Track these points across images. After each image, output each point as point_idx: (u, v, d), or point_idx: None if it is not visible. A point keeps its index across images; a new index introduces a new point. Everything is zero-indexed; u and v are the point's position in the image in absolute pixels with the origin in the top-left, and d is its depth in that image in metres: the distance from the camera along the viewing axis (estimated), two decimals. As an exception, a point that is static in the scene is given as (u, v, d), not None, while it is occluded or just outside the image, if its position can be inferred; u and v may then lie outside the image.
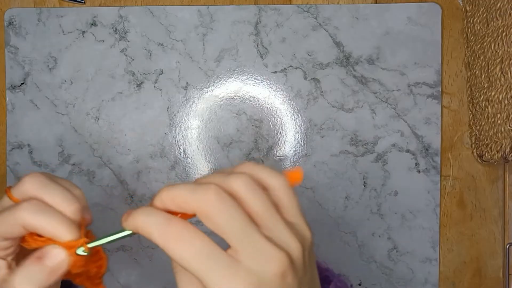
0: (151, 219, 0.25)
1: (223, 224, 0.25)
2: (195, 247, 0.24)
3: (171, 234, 0.25)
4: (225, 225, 0.25)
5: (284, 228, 0.26)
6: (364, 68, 0.56)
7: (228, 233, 0.25)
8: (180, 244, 0.25)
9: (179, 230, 0.25)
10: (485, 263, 0.57)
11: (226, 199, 0.25)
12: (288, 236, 0.26)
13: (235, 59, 0.56)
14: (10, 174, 0.57)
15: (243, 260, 0.24)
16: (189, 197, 0.26)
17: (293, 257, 0.25)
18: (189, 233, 0.25)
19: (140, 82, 0.57)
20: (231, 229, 0.25)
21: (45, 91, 0.57)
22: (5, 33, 0.56)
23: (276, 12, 0.56)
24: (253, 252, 0.25)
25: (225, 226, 0.25)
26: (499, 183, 0.57)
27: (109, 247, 0.56)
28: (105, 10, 0.56)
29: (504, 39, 0.47)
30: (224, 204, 0.25)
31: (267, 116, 0.57)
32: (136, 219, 0.26)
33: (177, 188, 0.26)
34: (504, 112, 0.48)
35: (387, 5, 0.56)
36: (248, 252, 0.25)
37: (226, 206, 0.25)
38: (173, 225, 0.25)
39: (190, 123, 0.57)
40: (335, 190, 0.56)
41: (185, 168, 0.57)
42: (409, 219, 0.56)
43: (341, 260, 0.56)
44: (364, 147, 0.56)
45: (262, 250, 0.25)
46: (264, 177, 0.28)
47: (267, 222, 0.26)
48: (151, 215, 0.26)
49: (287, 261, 0.25)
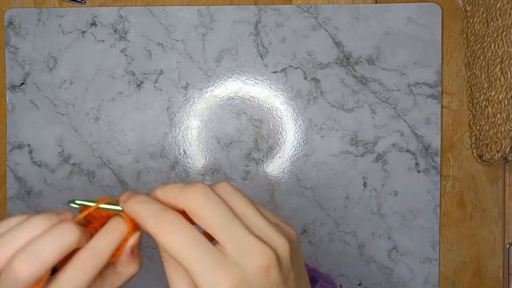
0: (148, 207, 0.27)
1: (209, 219, 0.26)
2: (185, 237, 0.25)
3: (164, 223, 0.26)
4: (211, 221, 0.26)
5: (269, 225, 0.27)
6: (364, 68, 0.56)
7: (214, 228, 0.26)
8: (171, 232, 0.26)
9: (172, 220, 0.26)
10: (485, 263, 0.57)
11: (212, 196, 0.26)
12: (274, 232, 0.27)
13: (235, 59, 0.56)
14: (10, 174, 0.57)
15: (229, 254, 0.25)
16: (178, 194, 0.27)
17: (279, 253, 0.26)
18: (181, 224, 0.26)
19: (140, 82, 0.57)
20: (217, 225, 0.26)
21: (45, 91, 0.57)
22: (5, 33, 0.56)
23: (276, 12, 0.56)
24: (238, 246, 0.25)
25: (211, 221, 0.26)
26: (499, 183, 0.57)
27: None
28: (105, 10, 0.56)
29: (504, 39, 0.47)
30: (210, 200, 0.26)
31: (267, 116, 0.57)
32: (135, 206, 0.27)
33: (169, 186, 0.28)
34: (504, 112, 0.48)
35: (387, 5, 0.56)
36: (233, 246, 0.25)
37: (212, 202, 0.26)
38: (168, 215, 0.26)
39: (190, 123, 0.57)
40: (335, 190, 0.56)
41: (185, 168, 0.57)
42: (409, 219, 0.56)
43: (341, 260, 0.56)
44: (364, 147, 0.56)
45: (247, 244, 0.25)
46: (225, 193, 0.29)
47: (252, 220, 0.27)
48: (149, 202, 0.27)
49: (272, 256, 0.26)
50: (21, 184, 0.57)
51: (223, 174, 0.56)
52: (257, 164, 0.56)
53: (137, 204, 0.27)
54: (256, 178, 0.56)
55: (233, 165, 0.56)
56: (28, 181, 0.57)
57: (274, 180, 0.56)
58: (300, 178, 0.56)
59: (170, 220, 0.26)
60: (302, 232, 0.56)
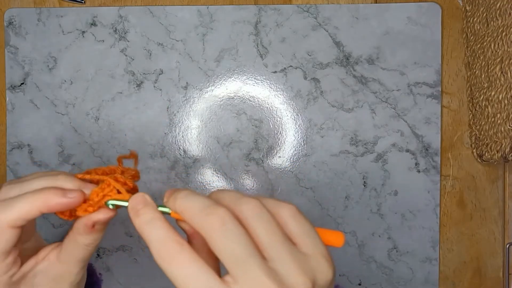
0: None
1: (223, 251, 0.24)
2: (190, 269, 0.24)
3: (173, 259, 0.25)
4: (225, 253, 0.24)
5: (291, 260, 0.24)
6: (364, 68, 0.56)
7: (226, 261, 0.24)
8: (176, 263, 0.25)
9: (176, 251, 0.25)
10: (485, 263, 0.57)
11: (229, 226, 0.24)
12: (295, 270, 0.24)
13: (235, 59, 0.56)
14: (10, 174, 0.57)
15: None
16: (196, 216, 0.25)
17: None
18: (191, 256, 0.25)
19: (140, 82, 0.57)
20: (229, 257, 0.24)
21: (45, 91, 0.57)
22: (5, 33, 0.56)
23: (276, 12, 0.56)
24: (249, 285, 0.24)
25: (224, 253, 0.24)
26: (499, 183, 0.57)
27: (109, 246, 0.56)
28: (105, 10, 0.56)
29: (504, 39, 0.47)
30: (226, 231, 0.24)
31: (267, 116, 0.57)
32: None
33: (191, 202, 0.26)
34: (504, 112, 0.48)
35: (387, 5, 0.56)
36: (244, 284, 0.24)
37: (228, 233, 0.24)
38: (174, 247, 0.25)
39: (190, 123, 0.57)
40: (335, 190, 0.56)
41: (185, 168, 0.57)
42: (409, 219, 0.56)
43: (341, 260, 0.56)
44: (364, 147, 0.56)
45: (259, 285, 0.23)
46: (273, 206, 0.26)
47: (273, 253, 0.24)
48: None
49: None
50: (21, 184, 0.57)
51: (223, 173, 0.56)
52: (257, 164, 0.56)
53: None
54: (256, 178, 0.56)
55: (233, 165, 0.56)
56: (28, 181, 0.57)
57: (274, 180, 0.56)
58: (300, 178, 0.56)
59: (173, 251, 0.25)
60: (302, 232, 0.56)
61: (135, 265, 0.56)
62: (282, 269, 0.24)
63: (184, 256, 0.25)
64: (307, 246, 0.26)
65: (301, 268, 0.24)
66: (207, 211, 0.25)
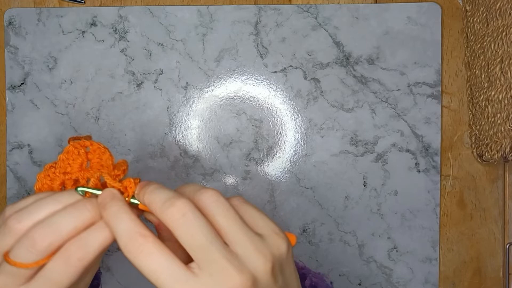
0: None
1: (185, 239, 0.25)
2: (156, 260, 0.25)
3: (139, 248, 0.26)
4: (187, 241, 0.25)
5: (250, 243, 0.26)
6: (364, 68, 0.56)
7: (189, 248, 0.25)
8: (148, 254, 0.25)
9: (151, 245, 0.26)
10: (485, 262, 0.57)
11: (189, 215, 0.26)
12: (254, 252, 0.26)
13: (235, 59, 0.56)
14: (10, 174, 0.57)
15: (202, 277, 0.25)
16: (159, 209, 0.26)
17: (257, 276, 0.26)
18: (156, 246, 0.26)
19: (140, 82, 0.57)
20: (191, 245, 0.25)
21: (45, 91, 0.57)
22: (5, 33, 0.56)
23: (276, 12, 0.56)
24: (212, 270, 0.25)
25: (187, 241, 0.25)
26: (499, 183, 0.57)
27: (110, 247, 0.56)
28: (105, 10, 0.56)
29: (504, 39, 0.47)
30: (186, 221, 0.25)
31: (267, 116, 0.57)
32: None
33: (156, 195, 0.27)
34: (504, 111, 0.48)
35: (387, 5, 0.56)
36: (207, 270, 0.25)
37: (188, 222, 0.25)
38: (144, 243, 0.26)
39: (190, 123, 0.57)
40: (335, 190, 0.56)
41: (185, 168, 0.57)
42: (409, 219, 0.56)
43: (341, 260, 0.56)
44: (364, 147, 0.56)
45: (222, 269, 0.25)
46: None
47: (233, 237, 0.26)
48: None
49: (246, 282, 0.25)
50: (21, 184, 0.57)
51: (223, 174, 0.56)
52: (257, 164, 0.56)
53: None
54: (256, 178, 0.56)
55: (233, 165, 0.56)
56: (28, 181, 0.57)
57: (274, 180, 0.56)
58: (300, 178, 0.56)
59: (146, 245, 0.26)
60: (302, 232, 0.56)
61: (135, 265, 0.56)
62: (243, 252, 0.26)
63: (149, 248, 0.25)
64: (261, 228, 0.28)
65: (259, 249, 0.26)
66: (169, 203, 0.26)
